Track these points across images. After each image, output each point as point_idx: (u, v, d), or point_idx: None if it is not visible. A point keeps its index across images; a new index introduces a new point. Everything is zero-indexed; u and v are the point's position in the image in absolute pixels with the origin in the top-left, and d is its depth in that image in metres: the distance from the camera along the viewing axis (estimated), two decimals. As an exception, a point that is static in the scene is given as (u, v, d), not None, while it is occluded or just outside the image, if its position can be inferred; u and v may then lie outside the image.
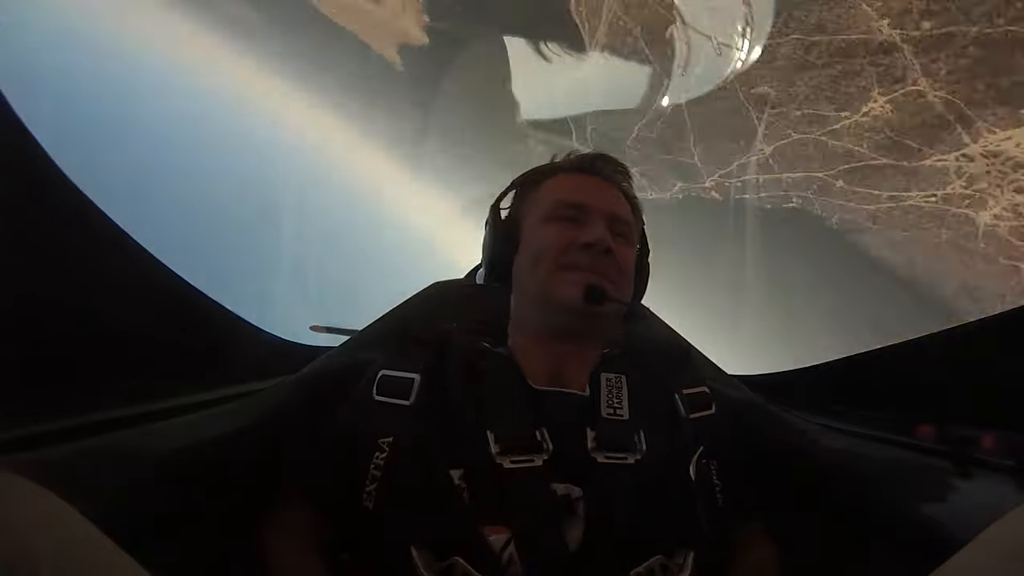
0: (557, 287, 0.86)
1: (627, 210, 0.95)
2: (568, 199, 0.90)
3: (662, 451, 0.81)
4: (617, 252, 0.88)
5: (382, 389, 0.82)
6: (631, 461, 0.79)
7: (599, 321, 0.89)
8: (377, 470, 0.76)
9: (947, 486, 0.81)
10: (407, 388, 0.81)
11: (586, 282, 0.83)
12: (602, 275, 0.86)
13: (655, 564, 0.72)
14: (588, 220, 0.88)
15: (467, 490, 0.73)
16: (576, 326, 0.88)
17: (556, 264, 0.87)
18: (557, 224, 0.89)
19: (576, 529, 0.73)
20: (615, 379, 0.88)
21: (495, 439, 0.76)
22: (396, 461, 0.76)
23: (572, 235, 0.87)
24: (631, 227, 0.94)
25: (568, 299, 0.84)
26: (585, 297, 0.83)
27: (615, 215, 0.91)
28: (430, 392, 0.82)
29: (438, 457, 0.76)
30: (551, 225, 0.89)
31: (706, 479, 0.81)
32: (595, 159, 0.98)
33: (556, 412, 0.82)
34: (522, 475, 0.74)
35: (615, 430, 0.82)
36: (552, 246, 0.87)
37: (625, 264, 0.90)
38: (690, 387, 0.90)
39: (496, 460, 0.75)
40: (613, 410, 0.84)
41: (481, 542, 0.70)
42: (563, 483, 0.76)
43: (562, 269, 0.86)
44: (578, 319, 0.87)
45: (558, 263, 0.87)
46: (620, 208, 0.93)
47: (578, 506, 0.74)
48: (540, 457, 0.76)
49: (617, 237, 0.90)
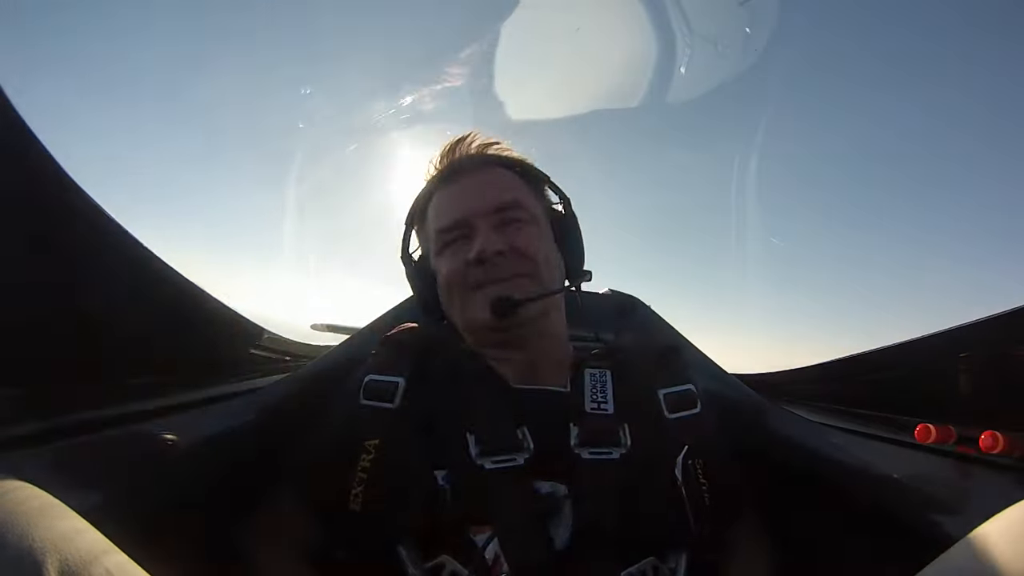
0: (468, 312, 0.86)
1: (510, 190, 0.89)
2: (445, 224, 0.88)
3: (647, 447, 0.80)
4: (513, 243, 0.84)
5: (369, 392, 0.82)
6: (616, 456, 0.78)
7: (530, 322, 0.86)
8: (364, 472, 0.76)
9: (947, 485, 0.81)
10: (392, 392, 0.81)
11: (491, 299, 0.82)
12: (506, 281, 0.83)
13: (647, 566, 0.72)
14: (473, 232, 0.86)
15: (450, 491, 0.73)
16: (510, 337, 0.86)
17: (462, 290, 0.86)
18: (448, 252, 0.88)
19: (563, 527, 0.72)
20: (600, 374, 0.88)
21: (475, 440, 0.77)
22: (382, 463, 0.76)
23: (462, 256, 0.85)
24: (522, 205, 0.89)
25: (480, 321, 0.84)
26: (494, 313, 0.81)
27: (496, 206, 0.86)
28: (414, 395, 0.82)
29: (422, 459, 0.76)
30: (443, 255, 0.88)
31: (693, 479, 0.80)
32: (456, 159, 0.93)
33: (536, 410, 0.82)
34: (504, 475, 0.74)
35: (599, 425, 0.81)
36: (451, 276, 0.86)
37: (527, 251, 0.85)
38: (674, 385, 0.88)
39: (477, 461, 0.75)
40: (597, 404, 0.83)
41: (467, 541, 0.70)
42: (547, 481, 0.76)
43: (469, 291, 0.85)
44: (506, 331, 0.85)
45: (463, 288, 0.86)
46: (499, 195, 0.88)
47: (564, 504, 0.74)
48: (522, 456, 0.76)
49: (509, 225, 0.86)
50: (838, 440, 1.01)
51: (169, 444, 0.75)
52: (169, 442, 0.75)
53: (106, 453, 0.68)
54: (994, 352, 0.82)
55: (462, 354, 0.89)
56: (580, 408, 0.83)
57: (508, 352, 0.88)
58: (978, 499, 0.75)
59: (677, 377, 0.89)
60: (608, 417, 0.82)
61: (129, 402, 0.76)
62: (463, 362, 0.87)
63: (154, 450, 0.74)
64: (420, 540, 0.71)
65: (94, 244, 0.69)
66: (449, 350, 0.90)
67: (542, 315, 0.87)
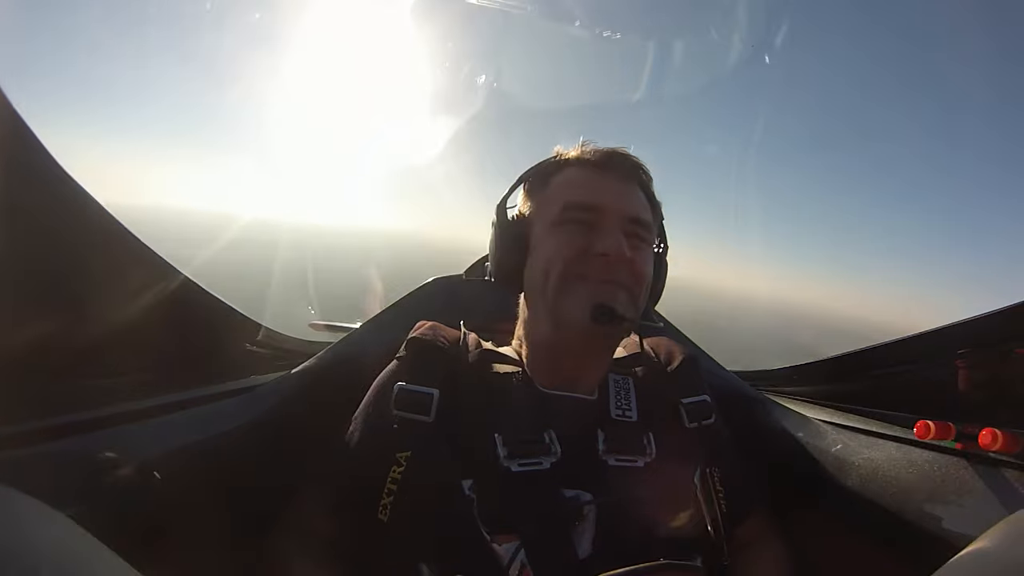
0: (566, 302, 0.78)
1: (646, 210, 0.85)
2: (580, 200, 0.81)
3: (670, 455, 0.81)
4: (634, 259, 0.80)
5: (401, 403, 0.79)
6: (641, 464, 0.79)
7: (609, 340, 0.84)
8: (394, 483, 0.75)
9: (946, 482, 0.81)
10: (426, 404, 0.79)
11: (595, 301, 0.76)
12: (616, 285, 0.79)
13: None
14: (603, 224, 0.80)
15: (476, 500, 0.73)
16: (585, 345, 0.82)
17: (566, 274, 0.79)
18: (568, 229, 0.80)
19: (587, 535, 0.72)
20: (623, 381, 0.88)
21: (503, 442, 0.76)
22: (413, 475, 0.75)
23: (584, 242, 0.79)
24: (650, 229, 0.85)
25: (575, 318, 0.77)
26: (593, 318, 0.76)
27: (633, 217, 0.82)
28: (449, 407, 0.80)
29: (452, 470, 0.75)
30: (562, 230, 0.81)
31: (710, 487, 0.81)
32: (611, 154, 0.87)
33: (564, 415, 0.81)
34: (530, 479, 0.74)
35: (625, 432, 0.81)
36: (562, 255, 0.79)
37: (641, 271, 0.81)
38: (694, 395, 0.89)
39: (504, 463, 0.75)
40: (622, 412, 0.83)
41: (490, 558, 0.69)
42: (572, 488, 0.76)
43: (573, 279, 0.78)
44: (586, 339, 0.79)
45: (569, 272, 0.78)
46: (638, 209, 0.83)
47: (588, 511, 0.74)
48: (548, 460, 0.76)
49: (634, 240, 0.81)
50: (837, 437, 1.01)
51: (111, 462, 0.68)
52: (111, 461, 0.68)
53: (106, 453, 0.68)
54: (994, 349, 0.83)
55: (490, 354, 0.88)
56: (606, 415, 0.83)
57: (563, 356, 0.84)
58: (978, 496, 0.75)
59: (696, 387, 0.90)
60: (633, 425, 0.83)
61: (121, 401, 0.76)
62: (491, 362, 0.86)
63: (156, 450, 0.74)
64: (442, 558, 0.71)
65: (95, 242, 0.68)
66: (478, 346, 0.89)
67: (620, 337, 0.85)
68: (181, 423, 0.82)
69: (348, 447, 0.82)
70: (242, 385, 1.01)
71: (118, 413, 0.73)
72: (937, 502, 0.78)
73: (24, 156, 0.57)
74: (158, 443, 0.76)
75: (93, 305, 0.69)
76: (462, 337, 0.90)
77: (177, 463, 0.77)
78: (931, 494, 0.80)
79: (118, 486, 0.65)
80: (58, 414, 0.65)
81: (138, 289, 0.78)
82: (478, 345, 0.90)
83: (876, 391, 1.07)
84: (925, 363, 0.96)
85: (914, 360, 0.98)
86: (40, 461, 0.60)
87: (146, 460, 0.71)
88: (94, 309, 0.69)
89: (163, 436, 0.78)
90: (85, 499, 0.61)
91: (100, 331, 0.72)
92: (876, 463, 0.90)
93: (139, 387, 0.80)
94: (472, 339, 0.91)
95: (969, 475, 0.79)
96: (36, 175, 0.60)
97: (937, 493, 0.79)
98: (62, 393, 0.67)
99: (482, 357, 0.86)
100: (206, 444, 0.85)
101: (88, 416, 0.68)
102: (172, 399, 0.84)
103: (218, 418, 0.90)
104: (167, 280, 0.81)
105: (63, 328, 0.66)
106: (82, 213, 0.64)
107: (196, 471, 0.82)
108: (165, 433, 0.79)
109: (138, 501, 0.67)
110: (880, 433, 0.96)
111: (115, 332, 0.74)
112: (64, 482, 0.60)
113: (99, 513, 0.61)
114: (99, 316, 0.70)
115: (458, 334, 0.91)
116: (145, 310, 0.79)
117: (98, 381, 0.74)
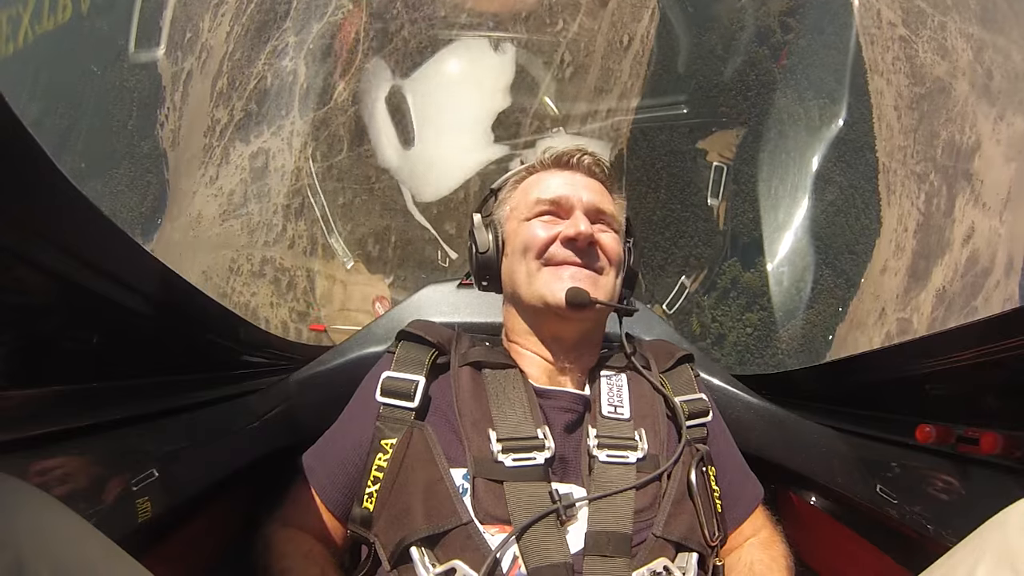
0: (541, 289, 0.85)
1: (609, 202, 0.93)
2: (547, 195, 0.89)
3: (662, 452, 0.82)
4: (601, 242, 0.87)
5: (386, 391, 0.82)
6: (632, 460, 0.79)
7: (587, 324, 0.88)
8: (379, 471, 0.77)
9: (947, 486, 0.81)
10: (410, 390, 0.82)
11: (568, 284, 0.83)
12: (586, 268, 0.85)
13: (658, 567, 0.73)
14: (569, 215, 0.88)
15: (469, 490, 0.74)
16: (564, 331, 0.87)
17: (540, 260, 0.86)
18: (537, 223, 0.88)
19: (578, 529, 0.73)
20: (615, 377, 0.89)
21: (497, 437, 0.77)
22: (398, 463, 0.77)
23: (553, 233, 0.86)
24: (615, 218, 0.92)
25: (553, 299, 0.83)
26: (567, 300, 0.82)
27: (596, 207, 0.90)
28: (433, 394, 0.83)
29: (440, 458, 0.76)
30: (530, 225, 0.89)
31: (705, 485, 0.82)
32: (573, 154, 0.94)
33: (558, 411, 0.83)
34: (523, 474, 0.75)
35: (616, 428, 0.82)
36: (535, 242, 0.86)
37: (611, 254, 0.88)
38: (689, 393, 0.90)
39: (497, 458, 0.75)
40: (614, 408, 0.84)
41: (481, 544, 0.70)
42: (564, 483, 0.77)
43: (547, 265, 0.86)
44: (565, 323, 0.86)
45: (542, 259, 0.86)
46: (601, 200, 0.91)
47: (580, 506, 0.75)
48: (541, 455, 0.76)
49: (600, 226, 0.89)
50: (836, 440, 1.00)
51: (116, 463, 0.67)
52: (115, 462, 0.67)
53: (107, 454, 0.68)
54: (995, 352, 0.82)
55: (483, 351, 0.89)
56: (599, 412, 0.84)
57: (548, 349, 0.88)
58: (979, 500, 0.75)
59: (692, 385, 0.91)
60: (625, 421, 0.83)
61: (129, 402, 0.76)
62: (484, 358, 0.87)
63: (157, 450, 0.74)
64: (434, 542, 0.72)
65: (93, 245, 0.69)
66: (468, 346, 0.90)
67: (598, 322, 0.91)
68: (182, 427, 0.82)
69: (334, 438, 0.85)
70: (243, 389, 1.01)
71: (117, 419, 0.73)
72: (939, 506, 0.77)
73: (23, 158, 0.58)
74: (161, 445, 0.76)
75: (93, 306, 0.69)
76: (455, 337, 0.92)
77: (179, 464, 0.77)
78: (932, 498, 0.79)
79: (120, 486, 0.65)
80: (62, 416, 0.65)
81: (139, 293, 0.78)
82: (472, 344, 0.91)
83: (877, 395, 1.06)
84: (926, 367, 0.95)
85: (916, 364, 0.97)
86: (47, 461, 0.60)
87: (148, 461, 0.71)
88: (94, 310, 0.70)
89: (166, 438, 0.78)
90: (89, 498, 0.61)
91: (99, 335, 0.72)
92: (877, 467, 0.89)
93: (140, 388, 0.80)
94: (466, 339, 0.93)
95: (971, 480, 0.78)
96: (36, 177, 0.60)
97: (938, 497, 0.79)
98: (66, 395, 0.68)
99: (474, 354, 0.88)
100: (207, 447, 0.85)
101: (87, 420, 0.68)
102: (175, 403, 0.84)
103: (219, 421, 0.90)
104: (169, 284, 0.82)
105: (60, 331, 0.67)
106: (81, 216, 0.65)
107: (197, 473, 0.82)
108: (168, 435, 0.79)
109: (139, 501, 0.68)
110: (881, 437, 0.95)
111: (114, 336, 0.74)
112: (70, 482, 0.61)
113: (102, 510, 0.61)
114: (98, 320, 0.71)
115: (451, 334, 0.92)
116: (145, 314, 0.79)
117: (97, 384, 0.74)
